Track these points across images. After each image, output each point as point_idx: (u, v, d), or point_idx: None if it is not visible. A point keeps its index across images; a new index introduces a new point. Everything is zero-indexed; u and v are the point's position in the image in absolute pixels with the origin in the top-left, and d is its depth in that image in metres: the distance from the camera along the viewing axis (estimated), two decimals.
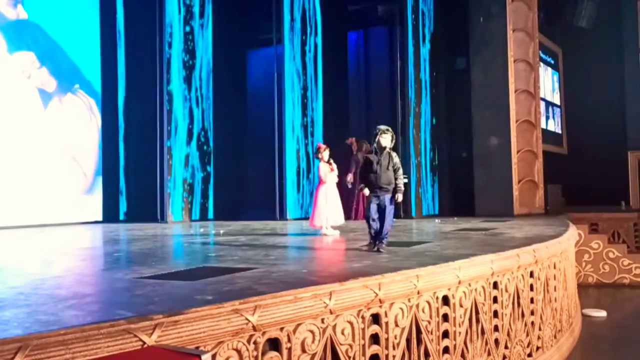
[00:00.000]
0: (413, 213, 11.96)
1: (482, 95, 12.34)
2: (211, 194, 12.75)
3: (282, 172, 12.00)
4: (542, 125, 14.12)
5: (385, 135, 5.27)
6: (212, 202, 12.75)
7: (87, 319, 2.57)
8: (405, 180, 12.21)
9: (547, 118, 16.08)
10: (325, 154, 7.62)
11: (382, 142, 5.27)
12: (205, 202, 12.61)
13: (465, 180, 12.51)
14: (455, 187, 13.28)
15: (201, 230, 9.14)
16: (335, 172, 7.65)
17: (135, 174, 12.61)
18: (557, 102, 17.32)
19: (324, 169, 7.52)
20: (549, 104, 16.44)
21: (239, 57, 14.29)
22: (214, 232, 8.62)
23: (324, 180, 7.50)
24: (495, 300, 4.66)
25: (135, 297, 3.17)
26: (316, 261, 5.06)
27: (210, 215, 12.65)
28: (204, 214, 12.52)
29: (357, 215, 11.08)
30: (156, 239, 7.62)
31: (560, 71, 17.58)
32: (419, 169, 12.32)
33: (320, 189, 7.59)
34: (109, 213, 12.30)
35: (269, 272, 3.98)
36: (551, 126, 16.56)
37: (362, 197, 10.93)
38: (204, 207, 12.55)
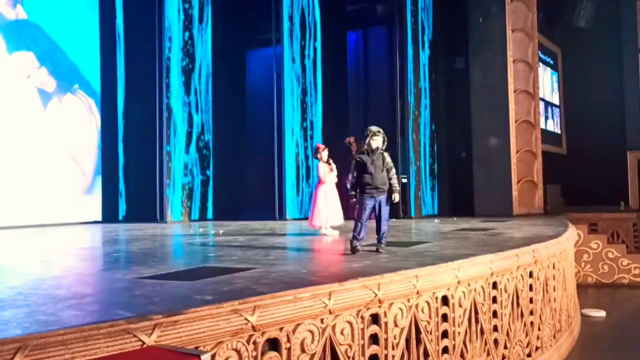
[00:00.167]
0: (412, 213, 11.98)
1: (482, 96, 12.34)
2: (210, 194, 12.76)
3: (281, 172, 12.00)
4: (542, 125, 14.13)
5: (376, 137, 5.23)
6: (211, 202, 12.76)
7: (87, 319, 2.57)
8: (403, 180, 12.29)
9: (546, 118, 16.09)
10: (324, 154, 7.62)
11: (373, 144, 5.21)
12: (205, 202, 12.62)
13: (464, 181, 12.51)
14: (455, 188, 13.28)
15: (200, 231, 9.14)
16: (335, 172, 7.64)
17: (135, 174, 12.61)
18: (556, 102, 17.33)
19: (323, 169, 7.53)
20: (548, 104, 16.45)
21: (238, 57, 14.30)
22: (213, 232, 8.62)
23: (323, 180, 7.50)
24: (494, 300, 4.67)
25: (134, 297, 3.17)
26: (315, 261, 5.05)
27: (209, 215, 12.65)
28: (204, 214, 12.53)
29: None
30: (155, 239, 7.61)
31: (560, 71, 17.59)
32: (418, 169, 12.33)
33: (320, 189, 7.59)
34: (109, 213, 12.30)
35: (268, 272, 3.98)
36: (550, 126, 16.57)
37: None
38: (203, 207, 12.55)
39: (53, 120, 11.43)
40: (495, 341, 4.64)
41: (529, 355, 5.17)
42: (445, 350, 4.04)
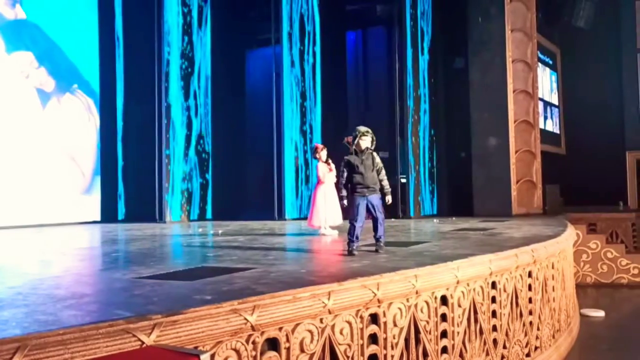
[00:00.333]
0: (411, 213, 11.98)
1: (481, 96, 12.35)
2: (210, 194, 12.75)
3: (280, 172, 11.99)
4: (541, 125, 14.14)
5: (365, 137, 5.21)
6: (210, 202, 12.75)
7: (86, 318, 2.57)
8: (402, 180, 12.30)
9: (545, 118, 16.10)
10: (323, 154, 7.62)
11: (362, 144, 5.20)
12: (204, 203, 12.61)
13: (463, 181, 12.51)
14: (454, 187, 13.29)
15: (200, 231, 9.14)
16: (334, 172, 7.63)
17: (134, 174, 12.60)
18: (555, 102, 17.34)
19: (322, 169, 7.53)
20: (547, 104, 16.46)
21: (238, 57, 14.29)
22: (212, 232, 8.62)
23: (322, 180, 7.50)
24: (493, 300, 4.67)
25: (133, 297, 3.17)
26: (314, 261, 5.06)
27: (208, 216, 12.65)
28: (203, 214, 12.52)
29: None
30: (154, 239, 7.61)
31: (559, 71, 17.61)
32: (417, 169, 12.34)
33: (319, 189, 7.59)
34: (107, 213, 12.29)
35: (268, 272, 3.98)
36: (549, 126, 16.58)
37: None
38: (202, 207, 12.55)
39: (52, 120, 11.42)
40: (495, 341, 4.65)
41: (528, 355, 5.17)
42: (444, 350, 4.04)
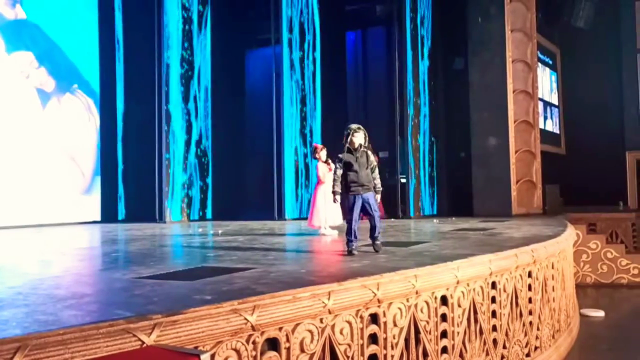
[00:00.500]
0: (411, 213, 11.99)
1: (481, 96, 12.36)
2: (210, 194, 12.76)
3: (280, 172, 12.00)
4: (540, 125, 14.14)
5: (357, 134, 5.15)
6: (210, 202, 12.75)
7: (86, 318, 2.58)
8: (402, 180, 12.30)
9: (545, 118, 16.10)
10: (323, 154, 7.62)
11: (355, 141, 5.13)
12: (204, 203, 12.62)
13: (463, 181, 12.52)
14: (454, 188, 13.30)
15: (200, 231, 9.14)
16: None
17: (134, 174, 12.61)
18: (555, 102, 17.35)
19: (322, 169, 7.53)
20: (547, 104, 16.47)
21: (238, 57, 14.29)
22: (212, 232, 8.62)
23: (322, 180, 7.49)
24: (493, 300, 4.67)
25: (134, 297, 3.17)
26: (314, 261, 5.06)
27: (208, 216, 12.65)
28: (203, 214, 12.53)
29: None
30: (154, 239, 7.61)
31: (559, 71, 17.62)
32: (417, 169, 12.34)
33: (319, 189, 7.59)
34: (107, 213, 12.30)
35: (268, 272, 3.99)
36: (549, 126, 16.59)
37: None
38: (202, 207, 12.55)
39: (52, 120, 11.42)
40: (494, 341, 4.65)
41: (527, 355, 5.17)
42: (444, 350, 4.04)
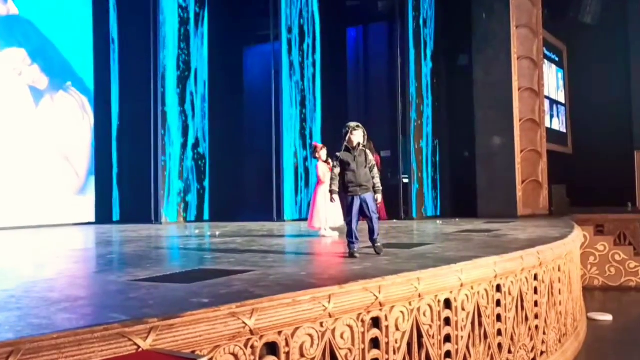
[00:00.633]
0: (414, 214, 11.99)
1: (485, 94, 12.35)
2: (207, 195, 12.76)
3: (279, 172, 12.00)
4: (547, 124, 14.13)
5: (356, 132, 5.11)
6: (207, 203, 12.76)
7: (80, 322, 2.57)
8: (405, 180, 12.30)
9: (551, 117, 16.09)
10: (323, 153, 7.63)
11: (353, 139, 5.11)
12: (201, 204, 12.62)
13: (467, 181, 12.52)
14: (457, 188, 13.29)
15: (196, 232, 9.16)
16: None
17: (129, 174, 12.62)
18: (561, 100, 17.34)
19: (323, 168, 7.53)
20: (553, 102, 16.46)
21: (236, 55, 14.30)
22: (209, 234, 8.63)
23: (322, 180, 7.49)
24: (498, 303, 4.67)
25: (129, 300, 3.18)
26: (315, 263, 5.06)
27: (205, 217, 12.66)
28: (200, 215, 12.53)
29: (379, 214, 10.75)
30: (150, 241, 7.62)
31: (565, 68, 17.60)
32: (420, 170, 12.34)
33: (319, 189, 7.60)
34: (102, 214, 12.31)
35: (267, 274, 3.99)
36: (555, 125, 16.58)
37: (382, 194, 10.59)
38: (199, 208, 12.55)
39: (45, 119, 11.43)
40: (499, 345, 4.65)
41: (533, 359, 5.17)
42: (447, 354, 4.04)
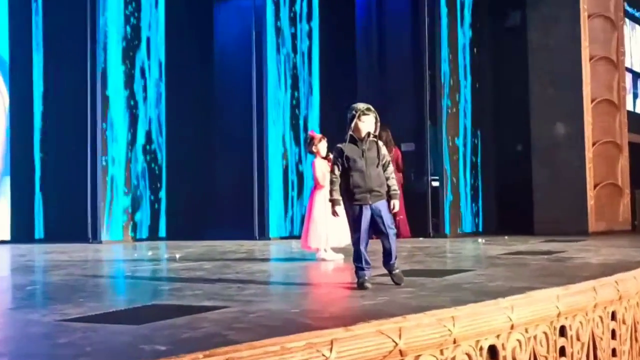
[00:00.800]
0: (447, 230, 11.98)
1: (543, 65, 12.35)
2: (164, 205, 12.73)
3: (262, 177, 12.00)
4: (629, 106, 14.12)
5: (365, 117, 4.99)
6: (164, 215, 12.74)
7: None
8: (435, 183, 12.29)
9: (635, 96, 16.10)
10: (322, 147, 7.57)
11: (362, 127, 4.98)
12: (156, 216, 12.59)
13: (519, 185, 12.51)
14: (505, 194, 13.27)
15: (149, 254, 9.15)
16: None
17: (57, 177, 12.60)
18: None
19: (322, 167, 7.46)
20: (638, 76, 16.46)
21: (202, 14, 14.25)
22: (167, 257, 8.61)
23: (321, 184, 7.43)
24: (562, 352, 4.67)
25: (58, 347, 3.17)
26: (311, 297, 5.06)
27: (162, 233, 12.64)
28: (154, 231, 12.51)
29: (400, 231, 10.76)
30: (86, 266, 7.61)
31: None
32: (454, 169, 12.33)
33: (317, 195, 7.55)
34: (20, 229, 12.28)
35: (245, 312, 4.00)
36: None
37: (402, 203, 10.60)
38: (154, 222, 12.53)
39: None
40: None
41: None
42: None
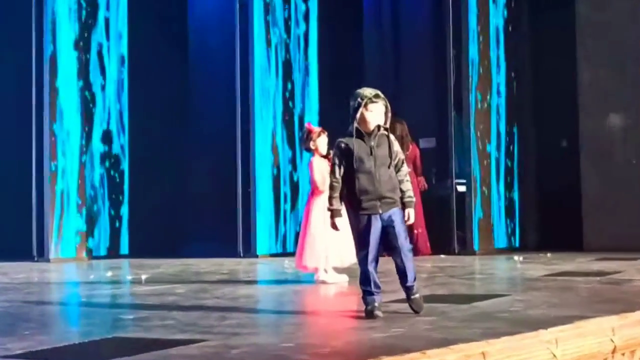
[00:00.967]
0: (476, 246, 11.98)
1: (595, 44, 12.38)
2: (126, 215, 12.75)
3: (247, 180, 12.03)
4: None
5: (373, 106, 4.97)
6: (127, 227, 12.75)
7: None
8: (461, 188, 12.30)
9: None
10: (321, 143, 7.57)
11: (369, 118, 4.97)
12: (117, 229, 12.60)
13: (564, 190, 12.53)
14: (547, 202, 13.29)
15: (109, 275, 9.17)
16: None
17: None
18: None
19: (320, 168, 7.47)
20: None
21: None
22: (131, 278, 8.65)
23: (320, 188, 7.44)
24: None
25: None
26: (308, 328, 5.08)
27: (124, 250, 12.66)
28: (115, 247, 12.53)
29: (419, 247, 10.97)
30: (30, 290, 7.63)
31: None
32: (486, 170, 12.35)
33: (314, 203, 7.57)
34: None
35: (227, 346, 4.01)
36: None
37: (421, 213, 10.79)
38: (114, 236, 12.55)
39: None
40: None
41: None
42: None
